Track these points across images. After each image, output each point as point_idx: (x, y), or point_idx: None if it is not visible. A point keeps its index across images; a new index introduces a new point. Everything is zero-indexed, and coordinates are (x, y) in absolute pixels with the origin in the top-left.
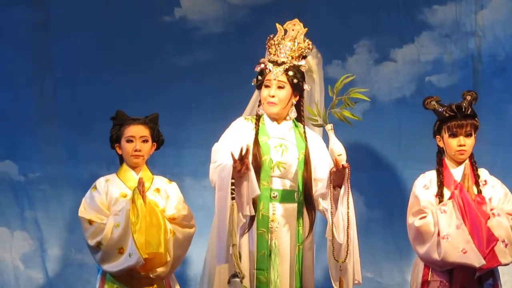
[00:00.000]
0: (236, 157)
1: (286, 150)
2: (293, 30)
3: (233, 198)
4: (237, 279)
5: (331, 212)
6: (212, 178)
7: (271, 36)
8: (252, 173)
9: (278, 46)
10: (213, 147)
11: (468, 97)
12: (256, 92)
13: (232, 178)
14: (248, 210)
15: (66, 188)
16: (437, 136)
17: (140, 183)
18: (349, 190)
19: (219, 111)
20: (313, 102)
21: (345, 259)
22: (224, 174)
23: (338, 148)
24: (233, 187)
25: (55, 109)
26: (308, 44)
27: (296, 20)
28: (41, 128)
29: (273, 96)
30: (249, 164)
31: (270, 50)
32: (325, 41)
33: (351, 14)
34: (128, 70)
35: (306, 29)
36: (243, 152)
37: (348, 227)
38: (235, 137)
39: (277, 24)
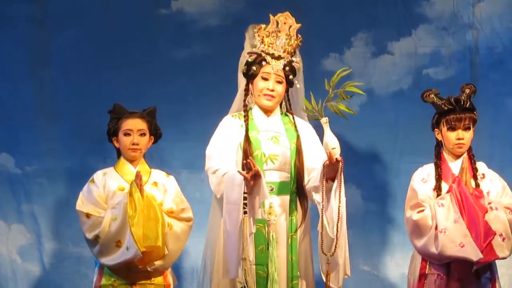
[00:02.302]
0: (245, 173)
1: (278, 141)
2: (285, 23)
3: (245, 213)
4: None
5: (323, 205)
6: (218, 188)
7: (262, 26)
8: (262, 179)
9: (273, 38)
10: (206, 152)
11: (467, 90)
12: (242, 85)
13: (244, 193)
14: (260, 213)
15: (63, 181)
16: (435, 129)
17: (138, 176)
18: (342, 184)
19: (216, 104)
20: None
21: (333, 253)
22: (235, 188)
23: (332, 141)
24: (245, 201)
25: (53, 103)
26: (300, 40)
27: (287, 14)
28: (39, 122)
29: (272, 90)
30: (259, 171)
31: (263, 42)
32: (322, 34)
33: (348, 7)
34: (125, 63)
35: (300, 24)
36: (250, 166)
37: (338, 221)
38: (226, 138)
39: (270, 15)
